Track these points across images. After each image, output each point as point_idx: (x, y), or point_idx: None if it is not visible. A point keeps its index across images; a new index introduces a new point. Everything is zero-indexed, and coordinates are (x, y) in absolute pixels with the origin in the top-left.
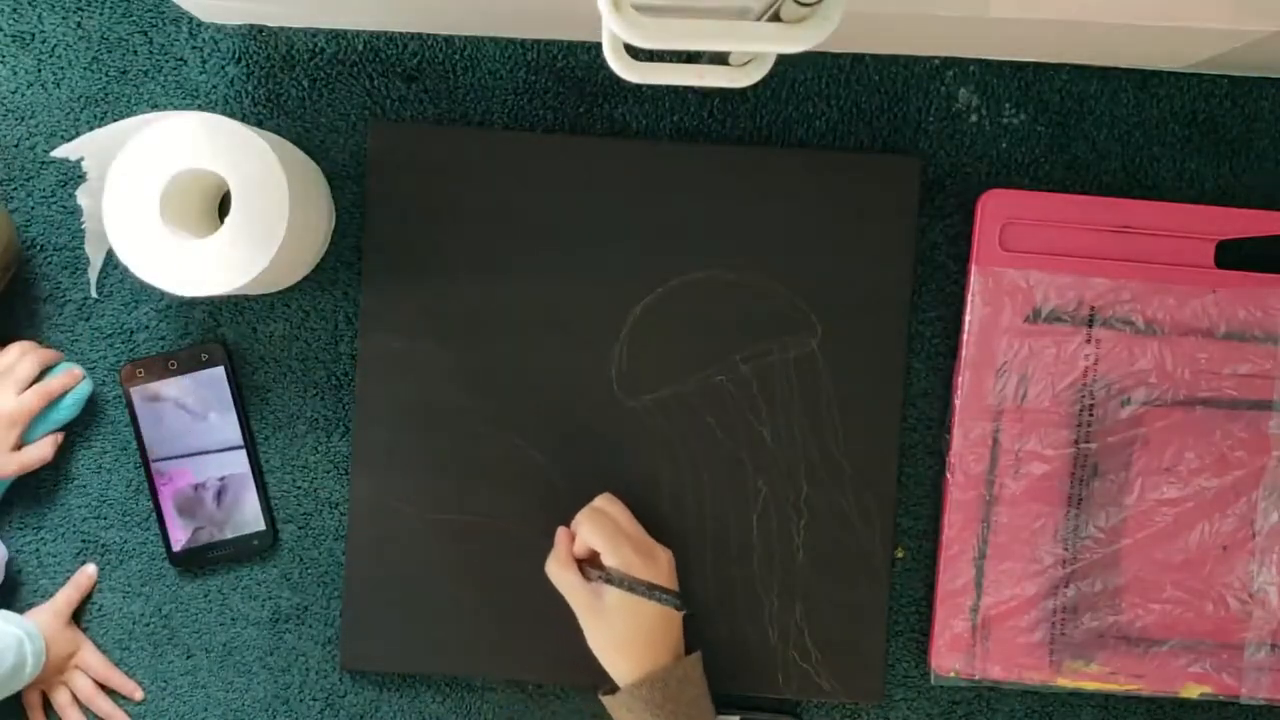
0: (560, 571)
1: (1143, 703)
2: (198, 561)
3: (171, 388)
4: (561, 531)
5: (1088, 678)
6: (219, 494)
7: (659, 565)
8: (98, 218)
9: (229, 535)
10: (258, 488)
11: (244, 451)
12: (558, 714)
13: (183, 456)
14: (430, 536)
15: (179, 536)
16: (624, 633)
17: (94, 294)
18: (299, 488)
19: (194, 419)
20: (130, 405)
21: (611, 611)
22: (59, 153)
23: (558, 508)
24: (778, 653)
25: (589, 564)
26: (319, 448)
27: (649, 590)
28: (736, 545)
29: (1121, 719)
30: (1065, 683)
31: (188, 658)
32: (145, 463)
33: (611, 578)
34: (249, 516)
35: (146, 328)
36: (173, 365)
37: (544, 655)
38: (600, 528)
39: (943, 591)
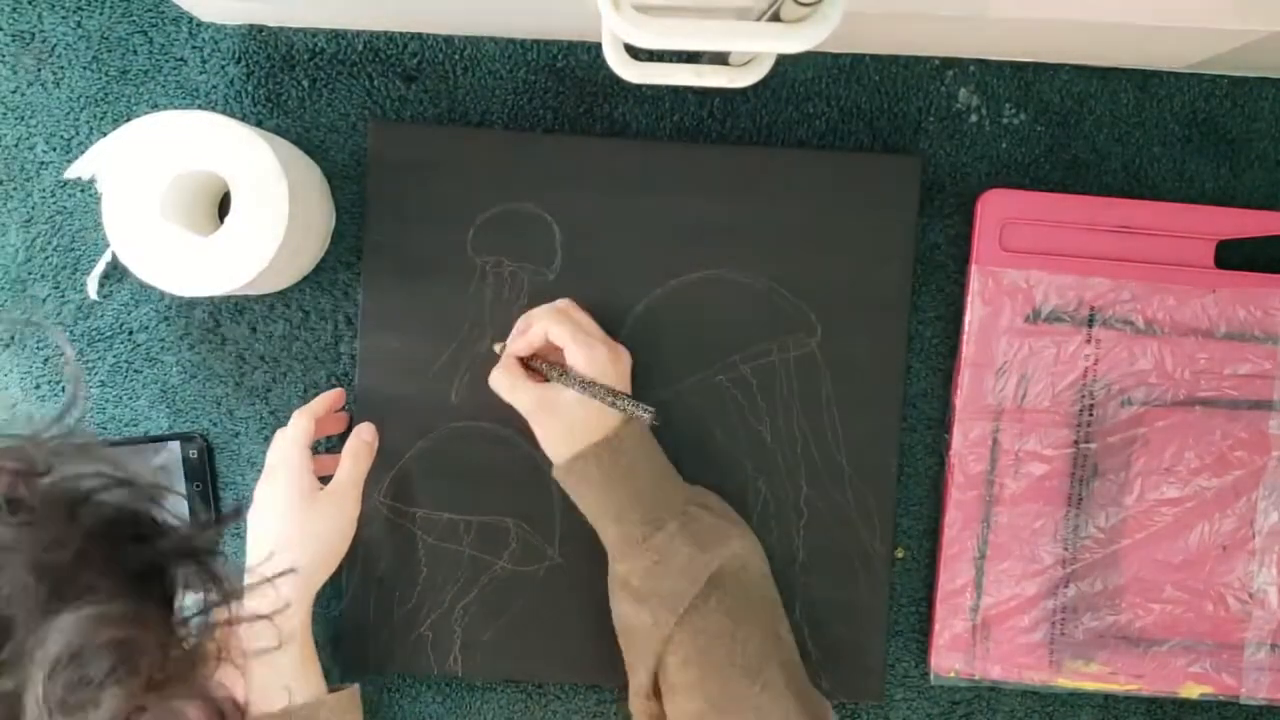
0: (509, 379)
1: (1143, 703)
2: None
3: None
4: (511, 339)
5: (1088, 678)
6: None
7: (623, 367)
8: None
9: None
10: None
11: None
12: (558, 714)
13: None
14: (430, 536)
15: None
16: (580, 426)
17: (93, 295)
18: None
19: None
20: None
21: (568, 408)
22: (70, 174)
23: (557, 508)
24: None
25: (543, 362)
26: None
27: (618, 399)
28: None
29: (1121, 719)
30: (1065, 683)
31: None
32: None
33: (575, 381)
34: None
35: (146, 328)
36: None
37: (544, 655)
38: (568, 327)
39: (942, 591)
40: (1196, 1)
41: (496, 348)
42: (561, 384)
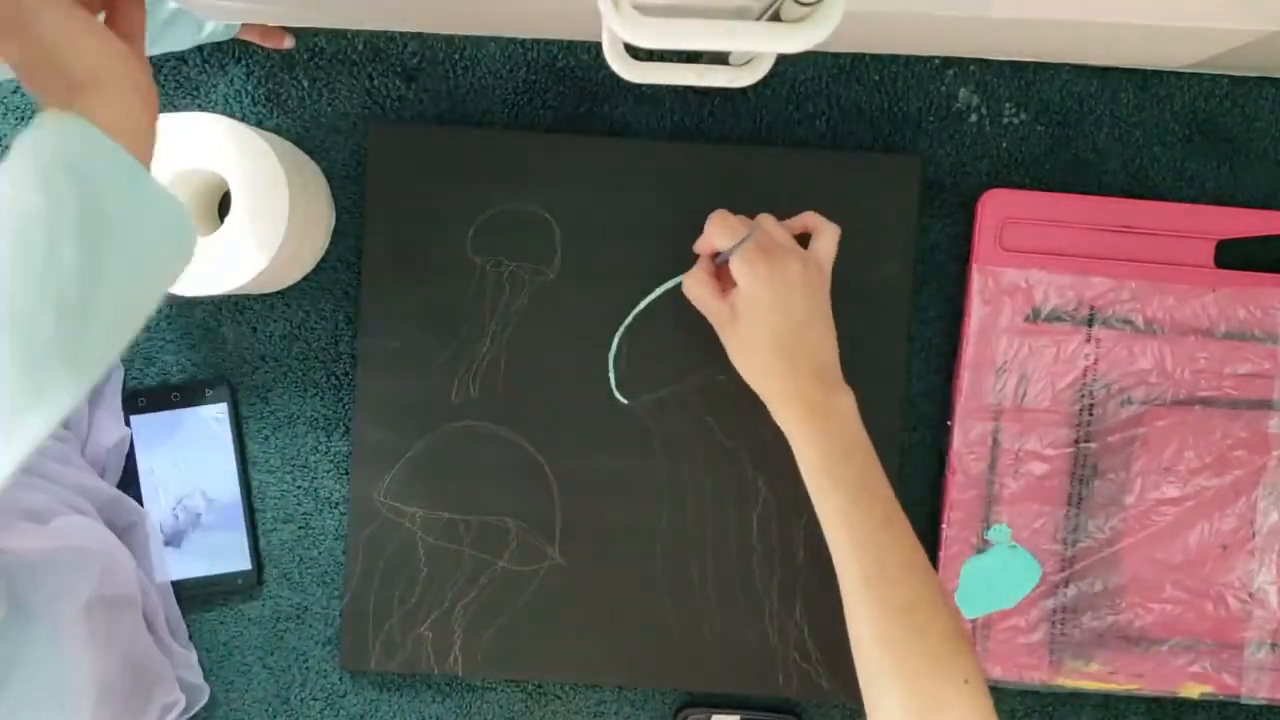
0: (704, 286)
1: (1143, 702)
2: (179, 594)
3: (172, 420)
4: (706, 241)
5: (1088, 677)
6: (208, 530)
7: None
8: None
9: (213, 572)
10: (248, 528)
11: (238, 489)
12: (558, 714)
13: (177, 489)
14: (430, 536)
15: (163, 569)
16: (788, 335)
17: None
18: (299, 487)
19: (191, 454)
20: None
21: (764, 310)
22: None
23: (556, 507)
24: (778, 653)
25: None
26: (319, 447)
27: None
28: (736, 545)
29: (1121, 719)
30: (1065, 682)
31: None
32: (137, 492)
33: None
34: (236, 554)
35: (146, 327)
36: (176, 397)
37: (544, 655)
38: (833, 248)
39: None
40: (1196, 1)
41: (636, 405)
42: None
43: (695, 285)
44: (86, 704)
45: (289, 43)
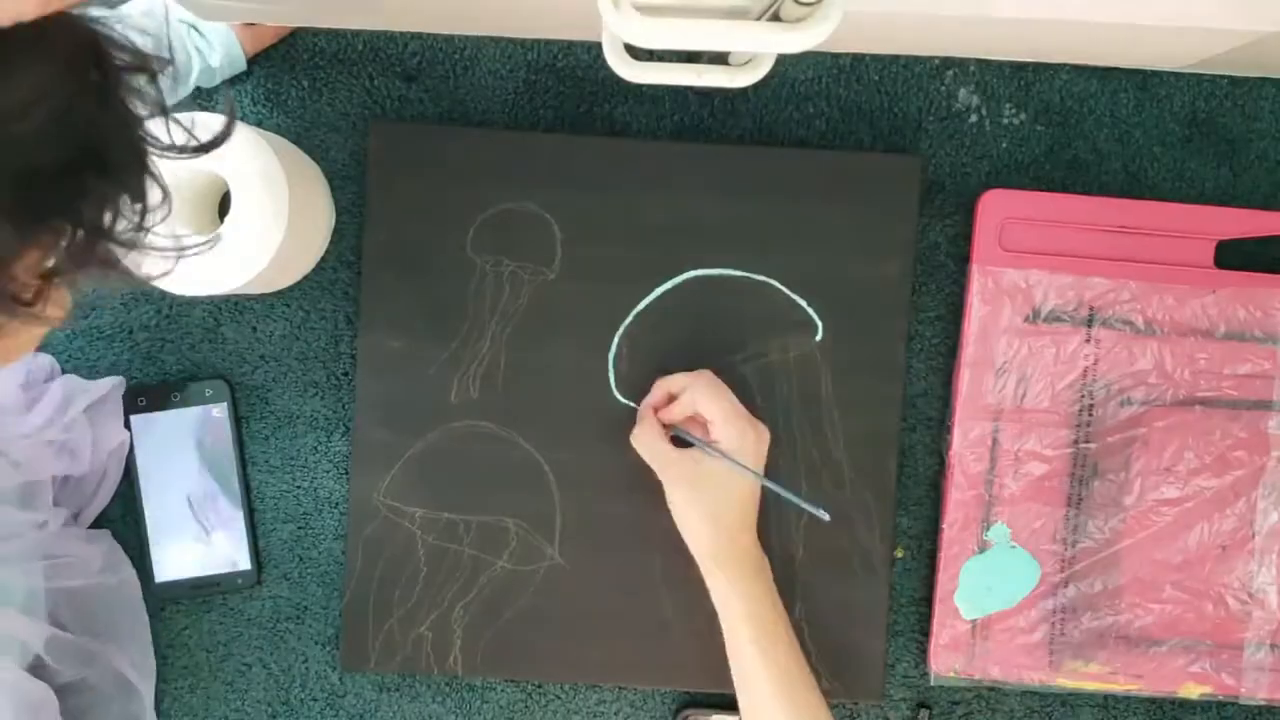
0: (651, 441)
1: (1142, 703)
2: (178, 594)
3: (172, 420)
4: (653, 399)
5: (1087, 678)
6: (208, 530)
7: (763, 449)
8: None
9: (213, 572)
10: (247, 528)
11: (237, 489)
12: (557, 714)
13: (176, 489)
14: (430, 536)
15: (163, 568)
16: (725, 501)
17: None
18: (299, 487)
19: (191, 454)
20: (129, 432)
21: (714, 478)
22: None
23: (557, 508)
24: None
25: (683, 429)
26: (319, 447)
27: (789, 492)
28: None
29: (1121, 719)
30: (1065, 683)
31: (188, 657)
32: (137, 492)
33: (727, 457)
34: (235, 554)
35: (147, 327)
36: (176, 397)
37: (543, 655)
38: (723, 403)
39: (942, 591)
40: (1197, 2)
41: (636, 405)
42: (707, 454)
43: (646, 436)
44: None
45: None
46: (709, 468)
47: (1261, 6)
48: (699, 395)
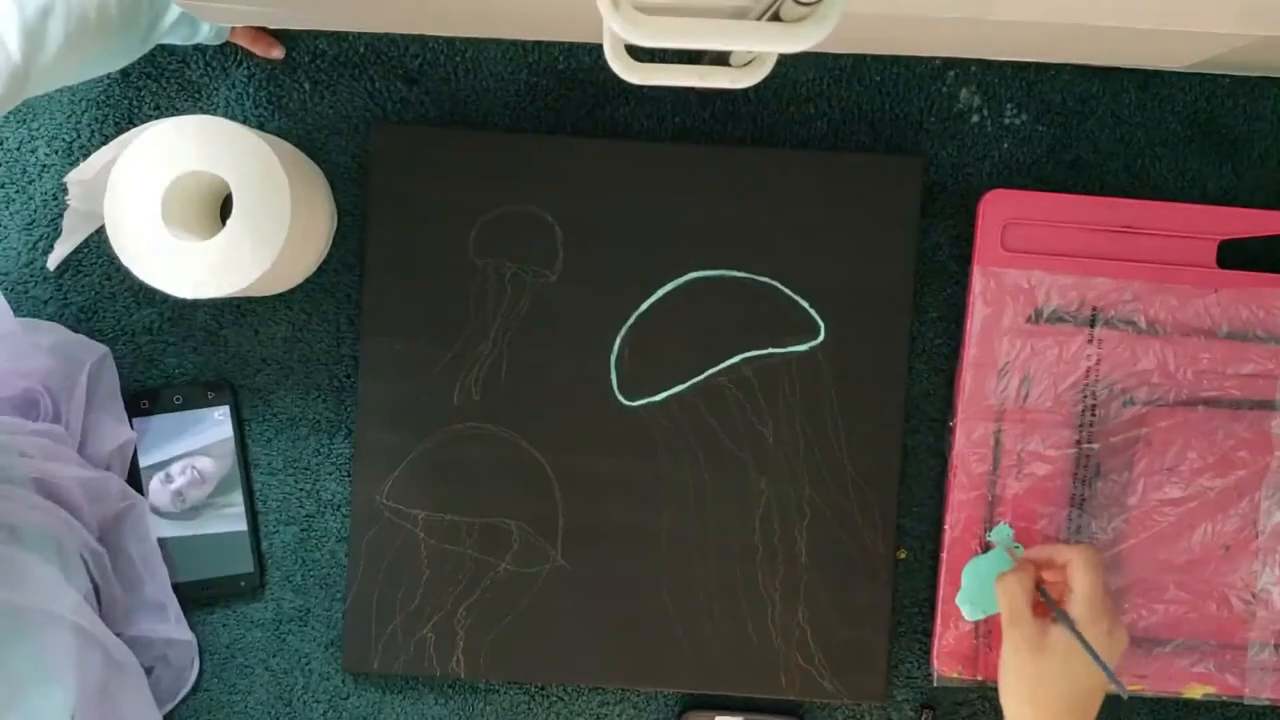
0: (1017, 595)
1: (1146, 703)
2: (181, 596)
3: (174, 423)
4: (1036, 557)
5: None
6: (211, 532)
7: (1118, 650)
8: (90, 199)
9: (215, 574)
10: (250, 531)
11: (240, 492)
12: (560, 716)
13: (178, 492)
14: (432, 538)
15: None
16: (1055, 687)
17: (51, 268)
18: (301, 490)
19: (193, 457)
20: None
21: (1051, 657)
22: (72, 178)
23: (558, 509)
24: (780, 654)
25: (1049, 598)
26: (321, 450)
27: (1111, 675)
28: (738, 546)
29: (1124, 719)
30: None
31: (189, 658)
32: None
33: (1080, 637)
34: (238, 557)
35: (149, 330)
36: (178, 400)
37: (546, 657)
38: (1097, 579)
39: (945, 592)
40: (1197, 5)
41: (636, 405)
42: (1064, 628)
43: (1015, 587)
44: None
45: (278, 52)
46: (1060, 639)
47: (1262, 9)
48: (1078, 570)
